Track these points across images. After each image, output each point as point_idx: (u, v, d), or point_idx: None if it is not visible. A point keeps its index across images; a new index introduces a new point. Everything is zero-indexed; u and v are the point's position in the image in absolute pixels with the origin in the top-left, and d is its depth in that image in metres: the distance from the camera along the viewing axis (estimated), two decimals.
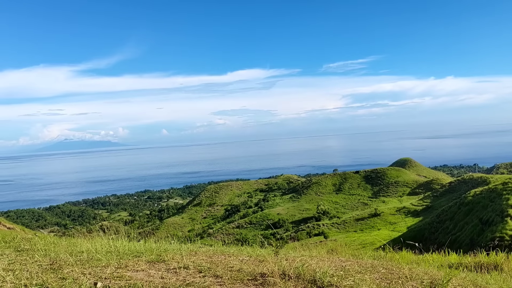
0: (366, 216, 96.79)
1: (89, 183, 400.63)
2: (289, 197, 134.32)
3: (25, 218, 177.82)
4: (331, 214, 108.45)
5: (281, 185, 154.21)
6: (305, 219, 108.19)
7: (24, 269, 6.33)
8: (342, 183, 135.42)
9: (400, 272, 6.83)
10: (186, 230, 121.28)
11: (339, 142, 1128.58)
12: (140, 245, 8.84)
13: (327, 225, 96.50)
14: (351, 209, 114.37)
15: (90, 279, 5.75)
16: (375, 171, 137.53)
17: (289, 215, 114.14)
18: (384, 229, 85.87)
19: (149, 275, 6.13)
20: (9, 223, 54.04)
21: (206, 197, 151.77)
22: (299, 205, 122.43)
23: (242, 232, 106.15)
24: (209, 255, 7.72)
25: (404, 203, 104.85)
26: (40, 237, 12.29)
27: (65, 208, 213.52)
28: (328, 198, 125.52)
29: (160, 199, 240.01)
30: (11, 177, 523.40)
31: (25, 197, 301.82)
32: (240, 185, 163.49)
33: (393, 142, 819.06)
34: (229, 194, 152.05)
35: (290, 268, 6.15)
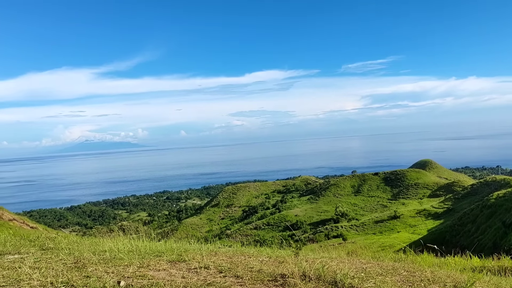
0: (386, 219, 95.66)
1: (109, 183, 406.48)
2: (307, 199, 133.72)
3: (47, 217, 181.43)
4: (350, 216, 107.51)
5: (299, 186, 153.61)
6: (323, 221, 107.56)
7: (49, 267, 6.49)
8: (361, 184, 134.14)
9: (422, 275, 6.74)
10: (204, 231, 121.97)
11: (357, 143, 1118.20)
12: (161, 245, 8.95)
13: (346, 227, 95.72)
14: (370, 211, 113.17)
15: (113, 278, 5.86)
16: (394, 173, 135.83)
17: (307, 216, 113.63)
18: (404, 231, 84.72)
19: (170, 275, 6.21)
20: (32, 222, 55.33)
21: (224, 198, 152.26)
22: (317, 206, 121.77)
23: (259, 233, 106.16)
24: (229, 255, 7.77)
25: (425, 206, 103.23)
26: (63, 236, 12.57)
27: (86, 208, 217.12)
28: (346, 200, 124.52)
29: (179, 199, 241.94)
30: (34, 178, 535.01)
31: (48, 197, 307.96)
32: (257, 186, 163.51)
33: (413, 143, 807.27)
34: (246, 195, 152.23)
35: (311, 270, 6.14)
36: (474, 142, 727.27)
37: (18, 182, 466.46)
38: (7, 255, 7.84)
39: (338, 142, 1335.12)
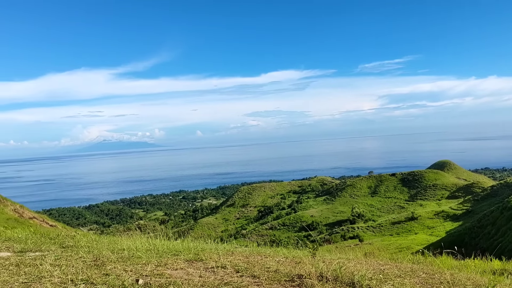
0: (403, 220, 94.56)
1: (126, 183, 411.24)
2: (323, 199, 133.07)
3: (66, 216, 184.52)
4: (366, 217, 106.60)
5: (315, 187, 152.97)
6: (339, 221, 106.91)
7: (69, 265, 6.60)
8: (377, 185, 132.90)
9: (442, 277, 6.64)
10: (220, 231, 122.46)
11: (374, 144, 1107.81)
12: (178, 244, 9.02)
13: (362, 228, 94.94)
14: (387, 212, 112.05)
15: (131, 276, 5.93)
16: (412, 174, 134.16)
17: (323, 217, 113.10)
18: (422, 233, 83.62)
19: (188, 274, 6.26)
20: (51, 220, 56.32)
21: (239, 198, 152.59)
22: (333, 207, 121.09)
23: (275, 234, 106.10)
24: (246, 255, 7.78)
25: (443, 207, 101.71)
26: (82, 234, 12.77)
27: (103, 207, 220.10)
28: (363, 200, 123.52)
29: (195, 199, 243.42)
30: (53, 177, 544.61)
31: (66, 196, 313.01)
32: (273, 187, 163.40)
33: (432, 144, 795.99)
34: (262, 195, 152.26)
35: (328, 270, 6.11)
36: (494, 143, 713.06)
37: (38, 181, 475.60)
38: (28, 252, 8.00)
39: (354, 142, 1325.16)
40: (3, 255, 7.68)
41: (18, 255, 7.64)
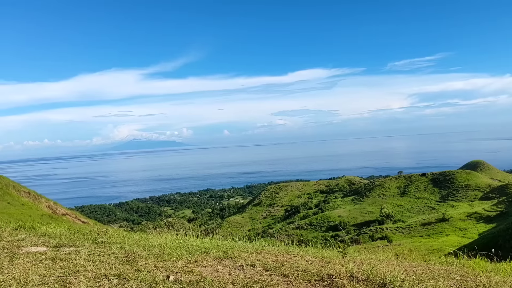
0: (433, 221, 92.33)
1: (155, 181, 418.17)
2: (351, 199, 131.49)
3: (97, 213, 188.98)
4: (395, 217, 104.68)
5: (343, 186, 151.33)
6: (367, 222, 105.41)
7: (102, 260, 6.76)
8: (407, 186, 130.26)
9: (477, 280, 6.43)
10: (247, 229, 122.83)
11: (404, 143, 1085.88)
12: (207, 242, 9.08)
13: (391, 229, 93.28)
14: (417, 213, 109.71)
15: (162, 272, 6.02)
16: (443, 174, 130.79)
17: (351, 217, 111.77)
18: (453, 235, 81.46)
19: (217, 271, 6.29)
20: (83, 217, 57.89)
21: (266, 197, 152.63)
22: (361, 207, 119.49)
23: (302, 233, 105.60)
24: (275, 254, 7.77)
25: (476, 208, 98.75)
26: (113, 231, 13.04)
27: (133, 204, 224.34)
28: (392, 201, 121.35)
29: (222, 198, 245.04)
30: (85, 175, 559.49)
31: (97, 193, 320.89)
32: (300, 186, 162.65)
33: (464, 144, 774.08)
34: (289, 195, 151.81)
35: (359, 271, 6.02)
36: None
37: (70, 179, 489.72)
38: (63, 247, 8.24)
39: (383, 141, 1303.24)
40: (40, 250, 7.94)
41: (54, 250, 7.87)
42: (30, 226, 12.06)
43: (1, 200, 38.98)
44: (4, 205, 37.79)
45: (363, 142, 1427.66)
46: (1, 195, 40.21)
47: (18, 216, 31.77)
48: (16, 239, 9.37)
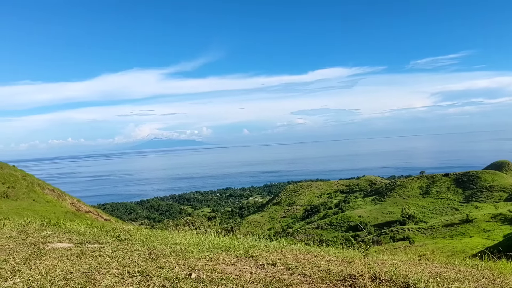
0: (457, 222, 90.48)
1: (175, 179, 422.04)
2: (372, 199, 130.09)
3: (119, 210, 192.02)
4: (417, 218, 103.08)
5: (363, 186, 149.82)
6: (388, 222, 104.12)
7: (126, 257, 6.88)
8: (429, 186, 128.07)
9: (504, 283, 6.27)
10: (266, 229, 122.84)
11: (426, 143, 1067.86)
12: (228, 240, 9.13)
13: (413, 230, 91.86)
14: (439, 214, 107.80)
15: (184, 270, 6.08)
16: (467, 174, 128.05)
17: (371, 217, 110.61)
18: (477, 236, 79.64)
19: (238, 270, 6.32)
20: (105, 214, 58.97)
21: (285, 197, 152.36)
22: (382, 207, 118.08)
23: (322, 233, 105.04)
24: (295, 253, 7.75)
25: (501, 210, 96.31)
26: (136, 228, 13.24)
27: (154, 202, 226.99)
28: (413, 201, 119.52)
29: (241, 197, 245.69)
30: (107, 173, 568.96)
31: (119, 191, 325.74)
32: (320, 186, 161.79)
33: (489, 143, 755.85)
34: (308, 194, 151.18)
35: (381, 272, 5.94)
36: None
37: (93, 177, 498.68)
38: (87, 244, 8.42)
39: (405, 141, 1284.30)
40: (65, 246, 8.13)
41: (78, 246, 8.06)
42: (55, 223, 12.34)
43: (27, 197, 40.01)
44: (30, 202, 38.79)
45: (384, 141, 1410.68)
46: (27, 193, 41.28)
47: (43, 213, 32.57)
48: (42, 235, 9.63)
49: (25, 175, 51.08)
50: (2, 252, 7.69)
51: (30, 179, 50.08)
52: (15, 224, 11.99)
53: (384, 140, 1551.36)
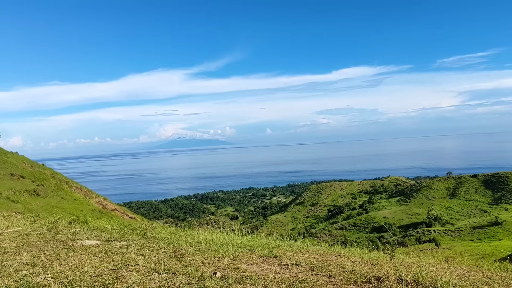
0: (485, 224, 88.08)
1: (199, 179, 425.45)
2: (397, 200, 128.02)
3: (143, 209, 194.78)
4: (444, 220, 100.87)
5: (388, 187, 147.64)
6: (414, 224, 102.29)
7: (152, 255, 6.99)
8: (456, 187, 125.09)
9: None
10: (289, 229, 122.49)
11: (453, 143, 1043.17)
12: (251, 240, 9.16)
13: (439, 232, 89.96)
14: (467, 216, 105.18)
15: (209, 268, 6.14)
16: (496, 175, 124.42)
17: (396, 219, 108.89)
18: (507, 239, 77.27)
19: (262, 269, 6.33)
20: (131, 213, 59.91)
21: (308, 197, 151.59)
22: (408, 209, 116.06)
23: (345, 234, 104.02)
24: (320, 254, 7.71)
25: None
26: (160, 226, 13.43)
27: (178, 201, 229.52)
28: (440, 203, 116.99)
29: (264, 196, 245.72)
30: (132, 172, 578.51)
31: (144, 190, 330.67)
32: (343, 186, 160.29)
33: None
34: (332, 195, 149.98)
35: (408, 274, 5.85)
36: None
37: (119, 175, 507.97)
38: (114, 241, 8.60)
39: (431, 141, 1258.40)
40: (93, 243, 8.32)
41: (106, 244, 8.24)
42: (83, 220, 12.66)
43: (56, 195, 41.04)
44: (58, 199, 39.78)
45: (410, 141, 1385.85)
46: (55, 190, 42.35)
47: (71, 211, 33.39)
48: (71, 232, 9.89)
49: (53, 174, 52.40)
50: (33, 248, 7.94)
51: (59, 177, 51.36)
52: (45, 221, 12.35)
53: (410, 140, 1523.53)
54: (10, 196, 33.73)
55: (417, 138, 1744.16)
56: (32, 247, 8.09)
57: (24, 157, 54.48)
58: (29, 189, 37.95)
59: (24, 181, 40.42)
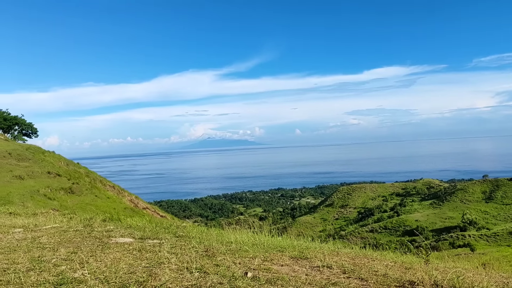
0: None
1: (228, 179, 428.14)
2: (429, 203, 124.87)
3: (174, 208, 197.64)
4: (479, 224, 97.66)
5: (420, 189, 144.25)
6: (447, 228, 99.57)
7: (184, 253, 7.10)
8: (493, 190, 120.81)
9: None
10: (318, 230, 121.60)
11: (490, 145, 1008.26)
12: (281, 241, 9.14)
13: (474, 237, 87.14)
14: (504, 221, 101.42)
15: (240, 268, 6.17)
16: None
17: (429, 222, 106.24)
18: None
19: (293, 271, 6.30)
20: (161, 211, 60.93)
21: (338, 198, 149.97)
22: (441, 212, 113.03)
23: (376, 237, 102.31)
24: (351, 256, 7.60)
25: None
26: (191, 226, 13.60)
27: (207, 201, 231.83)
28: (475, 206, 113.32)
29: (293, 197, 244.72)
30: (163, 171, 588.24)
31: (174, 189, 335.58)
32: (374, 188, 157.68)
33: None
34: (362, 197, 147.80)
35: (443, 279, 5.69)
36: None
37: (150, 175, 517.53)
38: (147, 239, 8.78)
39: (466, 143, 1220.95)
40: (127, 241, 8.52)
41: (139, 242, 8.43)
42: (117, 218, 12.96)
43: (90, 193, 42.25)
44: (92, 197, 40.93)
45: (444, 143, 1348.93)
46: (89, 189, 43.59)
47: (104, 209, 34.27)
48: (105, 230, 10.16)
49: (88, 172, 54.00)
50: (70, 244, 8.22)
51: (93, 176, 52.87)
52: (80, 218, 12.75)
53: (444, 142, 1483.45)
54: (47, 194, 34.99)
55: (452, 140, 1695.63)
56: (69, 243, 8.37)
57: (60, 156, 56.39)
58: (64, 187, 39.24)
59: (60, 179, 41.82)
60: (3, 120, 72.43)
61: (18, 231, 10.16)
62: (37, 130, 78.94)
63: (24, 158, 46.05)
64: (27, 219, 12.77)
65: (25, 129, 77.31)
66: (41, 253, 7.32)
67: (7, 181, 35.60)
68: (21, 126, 76.41)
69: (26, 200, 28.80)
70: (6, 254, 7.33)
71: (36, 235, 9.47)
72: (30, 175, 39.46)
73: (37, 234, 9.54)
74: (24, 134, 77.10)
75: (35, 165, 43.91)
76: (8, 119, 73.64)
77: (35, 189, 34.83)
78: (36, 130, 78.80)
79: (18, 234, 9.71)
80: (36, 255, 7.10)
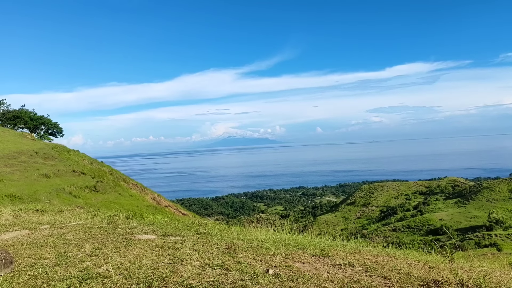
0: None
1: (249, 177, 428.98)
2: (454, 202, 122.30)
3: (195, 206, 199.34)
4: (506, 224, 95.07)
5: (445, 188, 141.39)
6: (472, 227, 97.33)
7: (205, 250, 7.17)
8: None
9: None
10: (339, 229, 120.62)
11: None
12: (303, 239, 9.11)
13: (501, 236, 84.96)
14: None
15: (262, 266, 6.18)
16: None
17: (454, 221, 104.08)
18: None
19: (315, 268, 6.28)
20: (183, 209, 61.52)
21: (360, 197, 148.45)
22: (466, 211, 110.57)
23: (399, 236, 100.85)
24: (374, 255, 7.52)
25: None
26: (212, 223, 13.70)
27: (228, 199, 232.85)
28: (502, 205, 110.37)
29: (314, 196, 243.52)
30: (185, 169, 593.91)
31: (196, 188, 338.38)
32: (397, 186, 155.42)
33: None
34: (384, 195, 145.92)
35: (469, 279, 5.57)
36: None
37: (172, 173, 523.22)
38: (169, 236, 8.90)
39: (492, 140, 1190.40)
40: (150, 238, 8.66)
41: (162, 238, 8.55)
42: (139, 215, 13.17)
43: (113, 191, 42.97)
44: (116, 195, 41.62)
45: (469, 140, 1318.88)
46: (113, 187, 44.34)
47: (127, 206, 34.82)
48: (129, 227, 10.35)
49: (111, 171, 54.92)
50: (95, 240, 8.40)
51: (116, 174, 53.75)
52: (104, 215, 13.00)
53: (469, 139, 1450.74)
54: (72, 192, 35.77)
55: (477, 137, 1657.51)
56: (94, 239, 8.56)
57: (85, 154, 57.52)
58: (89, 185, 40.04)
59: (84, 178, 42.68)
60: (30, 120, 74.32)
61: (45, 227, 10.44)
62: (62, 129, 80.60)
63: (50, 157, 47.15)
64: (53, 216, 13.10)
65: (51, 129, 79.06)
66: (67, 249, 7.51)
67: (34, 179, 36.56)
68: (47, 125, 78.18)
69: (52, 198, 29.52)
70: (33, 249, 7.56)
71: (62, 231, 9.72)
72: (56, 173, 40.40)
73: (63, 231, 9.79)
74: (50, 133, 78.91)
75: (61, 164, 44.92)
76: (35, 119, 75.51)
77: (61, 187, 35.65)
78: (61, 130, 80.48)
79: (45, 230, 9.99)
80: (62, 251, 7.29)
